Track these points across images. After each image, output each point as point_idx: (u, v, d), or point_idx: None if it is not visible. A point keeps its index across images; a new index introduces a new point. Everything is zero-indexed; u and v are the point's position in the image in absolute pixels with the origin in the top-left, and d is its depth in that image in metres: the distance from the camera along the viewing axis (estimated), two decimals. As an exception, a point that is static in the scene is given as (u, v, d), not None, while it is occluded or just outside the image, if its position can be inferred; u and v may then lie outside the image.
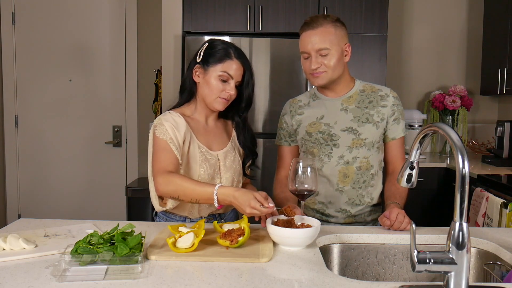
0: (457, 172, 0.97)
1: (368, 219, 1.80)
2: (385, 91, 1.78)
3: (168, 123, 1.57)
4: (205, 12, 3.24)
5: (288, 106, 1.87)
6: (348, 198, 1.75)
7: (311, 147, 1.78)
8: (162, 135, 1.55)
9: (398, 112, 1.77)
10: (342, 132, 1.73)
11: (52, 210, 3.95)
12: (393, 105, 1.76)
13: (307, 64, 1.70)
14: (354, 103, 1.76)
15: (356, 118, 1.74)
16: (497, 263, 1.38)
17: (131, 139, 3.98)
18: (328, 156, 1.75)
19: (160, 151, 1.55)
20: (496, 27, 3.51)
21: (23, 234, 1.38)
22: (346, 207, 1.76)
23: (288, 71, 3.21)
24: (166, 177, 1.48)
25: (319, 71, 1.67)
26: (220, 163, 1.65)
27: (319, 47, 1.65)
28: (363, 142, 1.73)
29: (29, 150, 3.97)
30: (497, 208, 2.49)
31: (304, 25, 1.70)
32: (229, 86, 1.60)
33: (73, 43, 3.90)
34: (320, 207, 1.78)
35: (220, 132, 1.72)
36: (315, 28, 1.66)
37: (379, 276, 1.50)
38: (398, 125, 1.77)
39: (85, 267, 1.12)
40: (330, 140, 1.74)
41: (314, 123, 1.77)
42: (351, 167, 1.73)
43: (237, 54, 1.61)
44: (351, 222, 1.78)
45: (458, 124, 3.70)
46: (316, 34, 1.66)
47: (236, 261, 1.21)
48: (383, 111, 1.75)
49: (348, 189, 1.74)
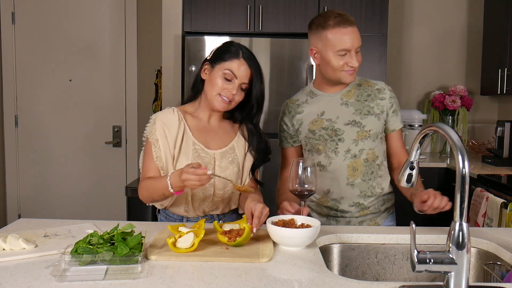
0: (457, 172, 0.97)
1: (382, 208, 1.81)
2: (380, 85, 1.81)
3: (160, 122, 1.62)
4: (205, 12, 3.24)
5: (286, 108, 1.86)
6: (360, 191, 1.76)
7: (316, 144, 1.77)
8: (150, 134, 1.63)
9: (396, 104, 1.81)
10: (346, 126, 1.74)
11: (52, 210, 3.95)
12: (391, 98, 1.79)
13: (342, 61, 1.68)
14: (353, 96, 1.77)
15: (358, 111, 1.75)
16: (497, 263, 1.38)
17: (131, 139, 3.98)
18: (334, 152, 1.75)
19: (145, 156, 1.64)
20: (496, 27, 3.51)
21: (23, 234, 1.38)
22: (358, 200, 1.76)
23: (288, 71, 3.21)
24: (140, 185, 1.58)
25: (354, 68, 1.69)
26: (216, 163, 1.64)
27: (358, 44, 1.68)
28: (367, 134, 1.74)
29: (29, 150, 3.97)
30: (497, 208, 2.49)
31: (340, 21, 1.66)
32: (232, 85, 1.58)
33: (73, 43, 3.90)
34: (333, 204, 1.78)
35: (223, 132, 1.70)
36: (352, 25, 1.67)
37: (379, 276, 1.50)
38: (397, 116, 1.81)
39: (85, 267, 1.12)
40: (334, 135, 1.74)
41: (316, 120, 1.77)
42: (359, 160, 1.74)
43: (247, 55, 1.60)
44: (366, 214, 1.78)
45: (458, 124, 3.70)
46: (355, 31, 1.68)
47: (236, 261, 1.21)
48: (382, 103, 1.77)
49: (358, 182, 1.75)
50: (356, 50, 1.69)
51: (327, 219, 1.82)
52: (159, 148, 1.60)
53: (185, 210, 1.66)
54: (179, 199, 1.64)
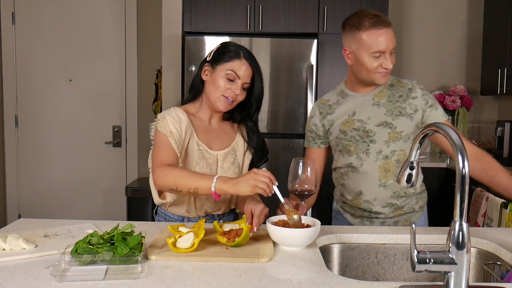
0: (457, 172, 0.97)
1: (416, 207, 1.79)
2: (411, 84, 1.78)
3: (170, 118, 1.57)
4: (205, 12, 3.24)
5: (317, 108, 1.85)
6: (393, 192, 1.74)
7: (347, 145, 1.76)
8: (163, 128, 1.56)
9: (432, 99, 1.75)
10: (377, 127, 1.72)
11: (52, 210, 3.95)
12: (423, 95, 1.75)
13: (376, 63, 1.65)
14: (385, 97, 1.75)
15: (389, 112, 1.73)
16: (497, 263, 1.38)
17: (131, 139, 3.98)
18: (366, 153, 1.74)
19: (160, 146, 1.55)
20: (496, 27, 3.51)
21: (23, 234, 1.38)
22: (391, 201, 1.75)
23: (288, 71, 3.21)
24: (165, 169, 1.47)
25: (388, 69, 1.67)
26: (218, 164, 1.65)
27: (393, 46, 1.66)
28: (399, 135, 1.72)
29: (29, 150, 3.97)
30: (497, 208, 2.49)
31: (375, 22, 1.64)
32: (235, 85, 1.59)
33: (73, 43, 3.90)
34: (367, 206, 1.77)
35: (223, 133, 1.71)
36: (388, 26, 1.64)
37: (379, 276, 1.50)
38: (437, 110, 1.75)
39: (85, 267, 1.12)
40: (366, 137, 1.73)
41: (347, 121, 1.76)
42: (390, 161, 1.73)
43: (247, 55, 1.61)
44: (400, 214, 1.77)
45: (458, 124, 3.69)
46: (390, 32, 1.64)
47: (236, 261, 1.21)
48: (415, 102, 1.73)
49: (391, 183, 1.74)
50: (390, 51, 1.66)
51: (360, 219, 1.81)
52: (175, 140, 1.55)
53: (187, 210, 1.66)
54: (182, 199, 1.63)
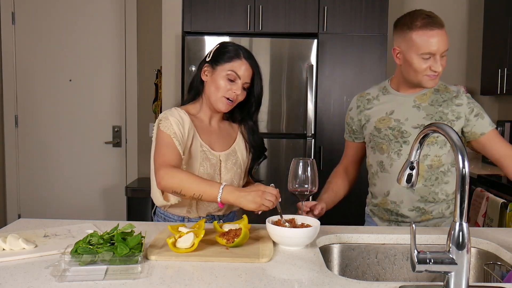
0: (457, 172, 0.97)
1: (446, 213, 1.74)
2: (458, 90, 1.73)
3: (173, 118, 1.56)
4: (205, 12, 3.23)
5: (356, 101, 1.83)
6: (421, 196, 1.70)
7: (380, 143, 1.74)
8: (166, 129, 1.55)
9: (478, 108, 1.70)
10: (414, 129, 1.68)
11: (52, 210, 3.95)
12: (469, 103, 1.70)
13: (425, 65, 1.61)
14: (427, 100, 1.71)
15: (429, 116, 1.68)
16: (497, 263, 1.38)
17: (131, 139, 3.98)
18: (397, 154, 1.71)
19: (164, 146, 1.54)
20: (496, 27, 3.51)
21: (23, 234, 1.38)
22: (419, 205, 1.71)
23: (288, 71, 3.21)
24: (170, 171, 1.45)
25: (438, 72, 1.62)
26: (222, 164, 1.65)
27: (444, 48, 1.60)
28: (434, 140, 1.68)
29: (29, 150, 3.97)
30: (497, 208, 2.49)
31: (428, 23, 1.59)
32: (236, 86, 1.59)
33: (73, 43, 3.90)
34: (393, 207, 1.74)
35: (224, 133, 1.71)
36: (440, 27, 1.59)
37: (379, 276, 1.50)
38: (483, 119, 1.69)
39: (85, 267, 1.12)
40: (400, 137, 1.70)
41: (384, 119, 1.73)
42: (422, 165, 1.68)
43: (247, 55, 1.61)
44: (428, 219, 1.73)
45: (458, 124, 3.69)
46: (442, 34, 1.59)
47: (236, 261, 1.21)
48: (458, 109, 1.69)
49: (419, 187, 1.69)
50: (441, 54, 1.61)
51: (388, 223, 1.78)
52: (179, 142, 1.55)
53: (188, 211, 1.66)
54: (185, 201, 1.62)
